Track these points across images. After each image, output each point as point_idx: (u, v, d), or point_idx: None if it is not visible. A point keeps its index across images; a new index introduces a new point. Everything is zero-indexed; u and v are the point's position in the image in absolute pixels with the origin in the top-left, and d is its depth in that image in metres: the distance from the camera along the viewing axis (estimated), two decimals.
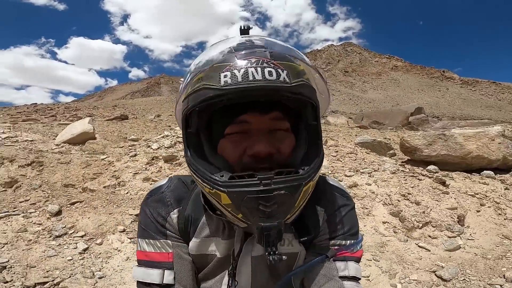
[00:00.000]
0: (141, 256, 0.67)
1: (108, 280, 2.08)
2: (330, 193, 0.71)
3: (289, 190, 0.51)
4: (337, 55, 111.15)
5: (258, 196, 0.50)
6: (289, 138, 0.61)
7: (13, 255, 2.21)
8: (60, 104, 26.47)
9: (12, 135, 5.24)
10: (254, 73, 0.50)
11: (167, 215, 0.68)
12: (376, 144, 5.63)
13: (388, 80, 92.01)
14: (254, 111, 0.57)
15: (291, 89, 0.52)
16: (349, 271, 0.64)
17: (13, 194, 3.20)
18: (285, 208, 0.53)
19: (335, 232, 0.67)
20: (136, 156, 4.14)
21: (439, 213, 2.85)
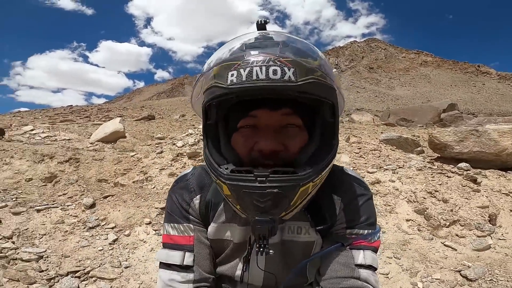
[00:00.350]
0: (166, 239, 0.72)
1: (133, 269, 2.18)
2: (347, 183, 0.71)
3: (282, 190, 0.52)
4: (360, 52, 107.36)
5: (253, 192, 0.53)
6: (300, 135, 0.61)
7: (50, 245, 2.37)
8: (94, 106, 28.11)
9: (51, 135, 5.68)
10: (258, 73, 0.51)
11: (190, 200, 0.72)
12: (402, 140, 5.42)
13: (418, 76, 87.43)
14: (264, 107, 0.58)
15: (296, 88, 0.52)
16: (365, 259, 0.65)
17: (52, 188, 3.45)
18: (279, 206, 0.54)
19: (352, 221, 0.68)
20: (162, 153, 4.33)
21: (468, 211, 2.71)
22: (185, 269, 0.68)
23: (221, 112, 0.63)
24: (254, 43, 0.57)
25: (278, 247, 0.70)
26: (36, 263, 2.11)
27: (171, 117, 13.90)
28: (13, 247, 2.26)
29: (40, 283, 1.94)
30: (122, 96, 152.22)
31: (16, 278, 1.94)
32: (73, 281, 1.98)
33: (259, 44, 0.56)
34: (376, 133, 6.84)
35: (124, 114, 17.06)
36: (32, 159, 3.77)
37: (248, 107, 0.59)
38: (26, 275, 1.97)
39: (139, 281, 2.07)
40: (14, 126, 6.88)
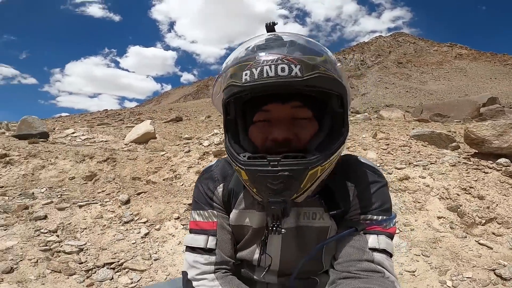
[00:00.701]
0: (192, 225, 0.79)
1: (162, 262, 2.28)
2: (361, 170, 0.74)
3: (293, 173, 0.58)
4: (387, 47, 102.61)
5: (266, 175, 0.59)
6: (310, 125, 0.66)
7: (90, 239, 2.50)
8: (126, 109, 29.70)
9: (90, 137, 6.14)
10: (268, 71, 0.57)
11: (214, 189, 0.79)
12: (435, 136, 5.15)
13: (452, 70, 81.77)
14: (275, 101, 0.64)
15: (303, 82, 0.58)
16: (379, 244, 0.66)
17: (92, 186, 3.70)
18: (290, 187, 0.59)
19: (365, 207, 0.70)
20: (190, 152, 4.51)
21: (506, 208, 2.53)
22: (208, 252, 0.74)
23: (238, 108, 0.70)
24: (263, 44, 0.63)
25: (294, 232, 0.73)
26: (77, 255, 2.26)
27: (197, 118, 14.32)
28: (57, 240, 2.41)
29: (79, 274, 2.06)
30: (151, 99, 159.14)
31: (58, 269, 2.06)
32: (108, 272, 2.08)
33: (268, 45, 0.62)
34: (407, 129, 6.56)
35: (154, 117, 17.85)
36: (74, 159, 4.11)
37: (262, 102, 0.66)
38: (67, 267, 2.09)
39: (166, 273, 2.15)
40: (57, 129, 7.50)
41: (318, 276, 0.78)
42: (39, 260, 2.14)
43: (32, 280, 1.94)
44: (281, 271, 0.77)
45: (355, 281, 0.62)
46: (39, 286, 1.91)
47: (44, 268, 2.06)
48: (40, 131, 5.43)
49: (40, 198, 3.15)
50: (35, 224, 2.63)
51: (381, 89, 66.32)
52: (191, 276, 0.74)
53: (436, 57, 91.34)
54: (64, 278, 2.00)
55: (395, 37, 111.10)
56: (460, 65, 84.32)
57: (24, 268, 2.05)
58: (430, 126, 7.61)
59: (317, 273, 0.78)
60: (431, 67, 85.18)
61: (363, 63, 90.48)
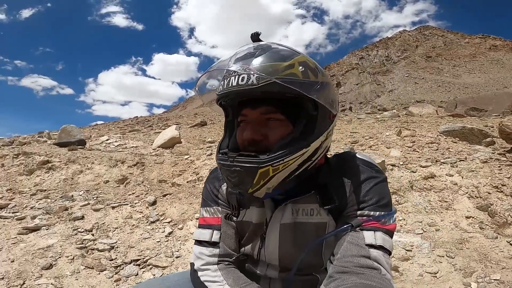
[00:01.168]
0: (201, 221, 0.87)
1: (182, 259, 2.37)
2: (357, 166, 0.76)
3: (243, 169, 0.66)
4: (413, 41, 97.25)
5: (226, 169, 0.69)
6: (281, 127, 0.70)
7: (120, 237, 2.66)
8: (154, 116, 31.03)
9: (122, 143, 6.54)
10: (232, 81, 0.67)
11: (219, 187, 0.87)
12: (466, 132, 4.85)
13: (488, 62, 75.73)
14: (248, 107, 0.72)
15: (258, 89, 0.64)
16: (376, 240, 0.67)
17: (124, 188, 3.92)
18: (243, 182, 0.67)
19: (362, 202, 0.71)
20: (212, 155, 4.65)
21: None
22: (213, 245, 0.82)
23: (235, 111, 0.79)
24: (240, 55, 0.70)
25: (292, 228, 0.77)
26: (108, 253, 2.40)
27: (221, 122, 14.62)
28: (92, 238, 2.59)
29: (109, 270, 2.19)
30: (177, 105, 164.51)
31: (91, 266, 2.20)
32: (134, 269, 2.21)
33: (243, 56, 0.69)
34: (439, 125, 6.24)
35: (180, 122, 18.51)
36: (108, 164, 4.41)
37: (242, 107, 0.74)
38: (99, 263, 2.23)
39: (186, 269, 2.27)
40: (93, 137, 8.07)
41: (319, 273, 0.79)
42: (75, 257, 2.32)
43: (67, 276, 2.10)
44: (282, 266, 0.80)
45: (352, 276, 0.63)
46: (73, 281, 2.06)
47: (79, 265, 2.22)
48: (78, 139, 5.88)
49: (78, 200, 3.43)
50: (74, 224, 2.87)
51: (410, 85, 63.17)
52: (196, 266, 0.81)
53: (469, 50, 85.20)
54: (95, 274, 2.15)
55: (420, 30, 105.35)
56: (495, 56, 77.96)
57: (62, 265, 2.22)
58: (465, 121, 7.11)
59: (318, 270, 0.79)
60: (464, 59, 79.61)
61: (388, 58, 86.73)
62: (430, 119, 7.28)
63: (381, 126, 5.45)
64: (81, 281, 2.08)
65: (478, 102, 14.15)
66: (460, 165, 3.20)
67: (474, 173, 2.96)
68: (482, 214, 2.44)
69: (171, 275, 0.96)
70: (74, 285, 2.03)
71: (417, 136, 4.37)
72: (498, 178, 2.79)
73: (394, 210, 0.73)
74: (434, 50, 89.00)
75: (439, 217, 2.48)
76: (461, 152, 3.69)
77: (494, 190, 2.64)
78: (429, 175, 3.00)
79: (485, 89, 50.83)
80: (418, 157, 3.57)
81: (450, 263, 2.00)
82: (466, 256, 2.04)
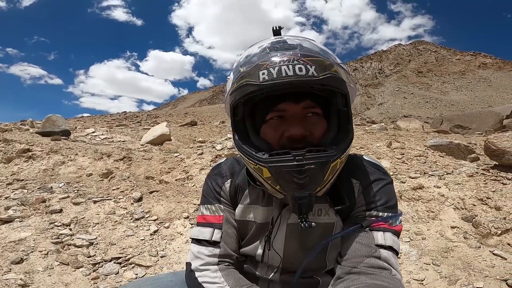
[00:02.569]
0: (200, 219, 0.82)
1: (168, 259, 2.29)
2: (365, 168, 0.76)
3: (318, 165, 0.60)
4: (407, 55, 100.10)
5: (292, 170, 0.60)
6: (321, 122, 0.69)
7: (101, 233, 2.55)
8: (144, 112, 30.56)
9: (109, 137, 6.37)
10: (286, 70, 0.60)
11: (222, 184, 0.82)
12: (453, 147, 4.98)
13: (476, 80, 78.63)
14: (289, 100, 0.67)
15: (319, 82, 0.61)
16: (385, 240, 0.66)
17: (108, 183, 3.79)
18: (315, 181, 0.61)
19: (371, 203, 0.71)
20: (203, 154, 4.58)
21: None
22: (213, 244, 0.76)
23: (247, 109, 0.72)
24: (275, 46, 0.65)
25: (297, 227, 0.74)
26: (87, 249, 2.29)
27: (211, 123, 14.51)
28: (69, 233, 2.47)
29: (86, 267, 2.08)
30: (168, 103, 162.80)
31: (67, 262, 2.09)
32: (114, 267, 2.10)
33: (280, 47, 0.65)
34: (425, 140, 6.39)
35: (170, 120, 18.26)
36: (93, 157, 4.26)
37: (274, 102, 0.68)
38: (75, 260, 2.12)
39: (171, 270, 2.16)
40: (79, 128, 7.84)
41: (321, 276, 0.78)
42: (49, 252, 2.19)
43: (39, 272, 1.98)
44: (284, 268, 0.78)
45: (362, 276, 0.62)
46: (45, 278, 1.94)
47: (53, 260, 2.10)
48: (62, 129, 5.69)
49: (57, 192, 3.28)
50: (50, 217, 2.73)
51: (399, 99, 64.82)
52: (194, 266, 0.75)
53: (459, 66, 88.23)
54: (71, 270, 2.03)
55: (415, 45, 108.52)
56: (484, 74, 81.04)
57: (34, 260, 2.09)
58: (449, 137, 7.33)
59: (319, 273, 0.78)
60: (453, 76, 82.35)
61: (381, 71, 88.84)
62: (416, 133, 7.45)
63: (371, 138, 5.55)
64: (54, 277, 1.96)
65: (463, 120, 14.64)
66: (447, 177, 3.26)
67: (461, 185, 3.03)
68: (466, 225, 2.50)
69: (163, 275, 0.90)
70: (46, 281, 1.91)
71: (406, 149, 4.46)
72: (483, 191, 2.87)
73: (400, 212, 0.73)
74: (425, 65, 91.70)
75: (426, 226, 2.52)
76: (448, 165, 3.77)
77: (479, 202, 2.71)
78: (417, 186, 3.05)
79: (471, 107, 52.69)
80: (407, 169, 3.63)
81: (436, 271, 2.03)
82: (451, 264, 2.08)
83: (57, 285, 1.91)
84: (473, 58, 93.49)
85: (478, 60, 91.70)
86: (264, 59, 0.63)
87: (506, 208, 2.57)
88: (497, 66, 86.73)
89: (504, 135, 4.22)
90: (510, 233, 2.30)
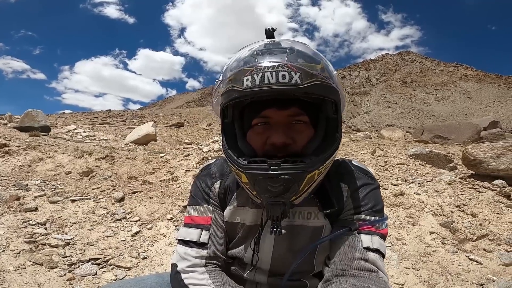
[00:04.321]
0: (187, 220, 0.80)
1: (150, 261, 2.24)
2: (354, 172, 0.76)
3: (292, 176, 0.60)
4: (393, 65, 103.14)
5: (267, 178, 0.60)
6: (306, 130, 0.68)
7: (78, 233, 2.47)
8: (129, 111, 29.92)
9: (91, 134, 6.18)
10: (269, 77, 0.58)
11: (211, 185, 0.81)
12: (433, 156, 5.16)
13: (456, 91, 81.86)
14: (273, 107, 0.66)
15: (302, 90, 0.59)
16: (373, 243, 0.67)
17: (88, 182, 3.66)
18: (289, 190, 0.61)
19: (359, 207, 0.71)
20: (189, 156, 4.52)
21: (499, 226, 2.54)
22: (200, 245, 0.75)
23: (237, 112, 0.72)
24: (264, 50, 0.64)
25: (288, 231, 0.73)
26: (62, 249, 2.22)
27: (199, 125, 14.38)
28: (44, 233, 2.38)
29: (61, 268, 2.01)
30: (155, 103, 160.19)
31: (40, 262, 2.01)
32: (92, 268, 2.03)
33: (269, 51, 0.63)
34: (406, 149, 6.59)
35: (156, 121, 17.95)
36: (73, 154, 4.12)
37: (260, 107, 0.67)
38: (50, 260, 2.05)
39: (153, 272, 2.12)
40: (59, 125, 7.56)
41: (308, 279, 0.77)
42: (22, 251, 2.11)
43: (10, 271, 1.90)
44: (271, 270, 0.77)
45: (351, 279, 0.62)
46: (16, 277, 1.86)
47: (26, 260, 2.02)
48: (42, 125, 5.47)
49: (33, 190, 3.14)
50: (24, 215, 2.61)
51: (383, 108, 66.59)
52: (181, 268, 0.73)
53: (442, 78, 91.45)
54: (44, 271, 1.96)
55: (401, 55, 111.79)
56: (464, 86, 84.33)
57: (5, 259, 2.01)
58: (429, 147, 7.60)
59: (307, 276, 0.77)
60: (436, 87, 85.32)
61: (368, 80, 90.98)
62: (399, 142, 7.69)
63: (355, 146, 5.68)
64: (26, 277, 1.87)
65: (442, 130, 15.19)
66: (427, 185, 3.37)
67: (439, 193, 3.14)
68: (444, 231, 2.59)
69: (147, 276, 0.86)
70: (18, 281, 1.83)
71: (389, 157, 4.58)
72: (461, 198, 2.98)
73: (386, 216, 0.75)
74: (410, 75, 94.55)
75: (406, 232, 2.58)
76: (428, 174, 3.90)
77: (456, 209, 2.82)
78: (399, 193, 3.14)
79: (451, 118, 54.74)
80: (389, 176, 3.72)
81: (415, 275, 2.09)
82: (429, 269, 2.14)
83: (29, 285, 1.82)
84: (456, 70, 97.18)
85: (460, 71, 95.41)
86: (250, 64, 0.62)
87: (482, 215, 2.69)
88: (478, 78, 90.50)
89: (482, 145, 4.41)
90: (485, 239, 2.40)
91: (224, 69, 0.70)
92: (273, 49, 0.63)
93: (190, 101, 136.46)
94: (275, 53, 0.62)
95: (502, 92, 79.65)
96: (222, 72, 0.71)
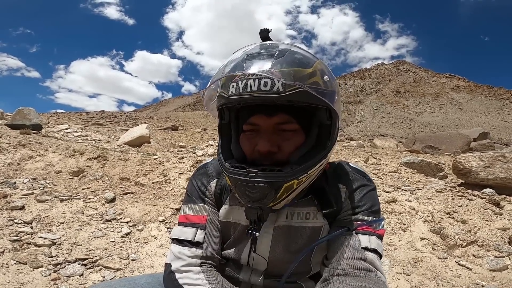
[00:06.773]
0: (182, 219, 0.79)
1: (140, 262, 2.21)
2: (351, 174, 0.77)
3: (268, 185, 0.61)
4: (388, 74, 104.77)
5: (245, 184, 0.62)
6: (295, 137, 0.67)
7: (66, 233, 2.42)
8: (123, 113, 29.65)
9: (83, 134, 6.10)
10: (252, 85, 0.58)
11: (208, 184, 0.81)
12: (424, 165, 5.25)
13: (448, 102, 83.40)
14: (262, 113, 0.66)
15: (284, 98, 0.58)
16: (371, 244, 0.67)
17: (78, 182, 3.60)
18: (266, 197, 0.62)
19: (356, 208, 0.72)
20: (183, 159, 4.49)
21: (488, 233, 2.59)
22: (195, 245, 0.74)
23: (233, 114, 0.72)
24: (254, 54, 0.63)
25: (286, 232, 0.74)
26: (48, 249, 2.18)
27: (193, 129, 14.34)
28: (30, 231, 2.34)
29: (46, 267, 1.97)
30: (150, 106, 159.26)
31: (24, 261, 1.97)
32: (78, 268, 1.98)
33: (258, 56, 0.62)
34: (398, 158, 6.67)
35: (150, 123, 17.82)
36: (64, 153, 4.05)
37: (250, 113, 0.68)
38: (34, 259, 2.00)
39: (143, 274, 2.07)
40: (51, 124, 7.45)
41: (304, 281, 0.76)
42: (6, 250, 2.05)
43: None
44: (268, 272, 0.76)
45: (349, 278, 0.62)
46: None
47: (9, 259, 1.97)
48: (34, 123, 5.39)
49: (21, 188, 3.08)
50: (10, 213, 2.55)
51: (377, 118, 67.46)
52: (175, 267, 0.72)
53: (434, 88, 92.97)
54: (28, 270, 1.91)
55: (396, 65, 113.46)
56: (456, 97, 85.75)
57: None
58: (420, 157, 7.72)
59: (302, 278, 0.77)
60: (428, 98, 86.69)
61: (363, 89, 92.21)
62: (391, 152, 7.79)
63: (349, 154, 5.74)
64: (8, 276, 1.82)
65: (433, 141, 15.45)
66: (418, 193, 3.42)
67: (430, 200, 3.18)
68: (435, 237, 2.62)
69: (138, 276, 0.84)
70: (0, 280, 1.77)
71: (382, 165, 4.64)
72: (451, 206, 3.03)
73: (383, 217, 0.75)
74: (404, 85, 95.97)
75: (397, 237, 2.60)
76: (419, 182, 3.96)
77: (447, 216, 2.86)
78: (391, 200, 3.18)
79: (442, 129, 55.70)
80: (382, 183, 3.76)
81: (406, 280, 2.11)
82: (420, 274, 2.16)
83: (11, 284, 1.77)
84: (448, 81, 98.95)
85: (453, 82, 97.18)
86: (237, 70, 0.61)
87: (471, 221, 2.73)
88: (469, 89, 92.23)
89: (471, 155, 4.49)
90: (474, 245, 2.44)
91: (218, 69, 0.69)
92: (263, 54, 0.62)
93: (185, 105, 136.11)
94: (264, 58, 0.61)
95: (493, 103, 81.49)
96: (217, 71, 0.70)
